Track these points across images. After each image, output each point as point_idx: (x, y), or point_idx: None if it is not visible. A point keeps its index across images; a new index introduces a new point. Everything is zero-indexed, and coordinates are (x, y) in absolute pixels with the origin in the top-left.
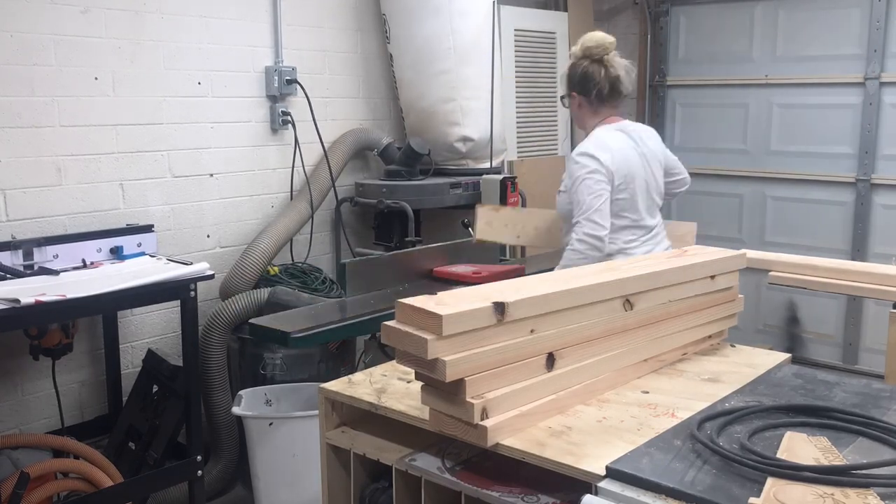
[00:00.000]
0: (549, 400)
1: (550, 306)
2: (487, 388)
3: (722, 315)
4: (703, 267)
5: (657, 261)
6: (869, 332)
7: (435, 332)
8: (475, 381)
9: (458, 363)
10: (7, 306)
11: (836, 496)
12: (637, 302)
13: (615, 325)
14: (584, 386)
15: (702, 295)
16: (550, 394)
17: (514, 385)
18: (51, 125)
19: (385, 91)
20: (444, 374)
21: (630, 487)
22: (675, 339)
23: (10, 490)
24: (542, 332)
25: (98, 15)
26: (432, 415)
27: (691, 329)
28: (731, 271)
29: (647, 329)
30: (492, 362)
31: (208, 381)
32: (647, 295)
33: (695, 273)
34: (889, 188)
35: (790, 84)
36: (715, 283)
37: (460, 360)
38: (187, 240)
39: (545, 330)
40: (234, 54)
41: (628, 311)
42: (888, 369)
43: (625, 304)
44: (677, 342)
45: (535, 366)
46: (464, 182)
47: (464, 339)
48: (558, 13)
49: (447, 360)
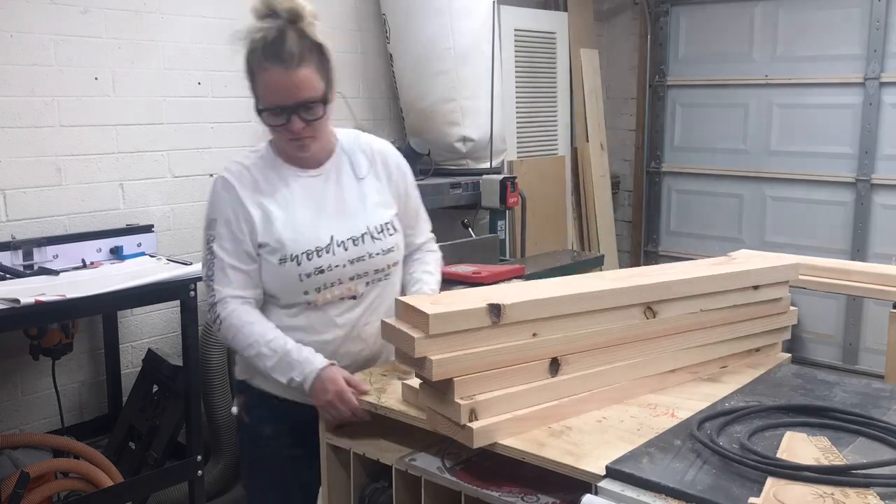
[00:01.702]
0: (552, 405)
1: (554, 310)
2: (479, 390)
3: (770, 328)
4: (743, 276)
5: (690, 268)
6: (869, 332)
7: (423, 331)
8: (465, 382)
9: (446, 363)
10: (7, 306)
11: (836, 496)
12: (661, 310)
13: (635, 332)
14: (594, 393)
15: (742, 306)
16: (552, 399)
17: (511, 388)
18: (51, 125)
19: (385, 91)
20: (430, 372)
21: (630, 487)
22: (709, 350)
23: (10, 490)
24: (545, 337)
25: (98, 15)
26: (428, 413)
27: (731, 341)
28: (780, 282)
29: (675, 338)
30: (485, 364)
31: (208, 381)
32: (674, 304)
33: (733, 282)
34: (889, 188)
35: (790, 84)
36: (758, 293)
37: (448, 360)
38: (187, 240)
39: (549, 334)
40: (235, 54)
41: (650, 319)
42: (888, 369)
43: (646, 312)
44: (712, 354)
45: (536, 370)
46: (464, 182)
47: (454, 339)
48: (558, 13)
49: (434, 359)
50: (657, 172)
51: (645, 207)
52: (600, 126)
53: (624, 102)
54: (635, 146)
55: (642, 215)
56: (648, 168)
